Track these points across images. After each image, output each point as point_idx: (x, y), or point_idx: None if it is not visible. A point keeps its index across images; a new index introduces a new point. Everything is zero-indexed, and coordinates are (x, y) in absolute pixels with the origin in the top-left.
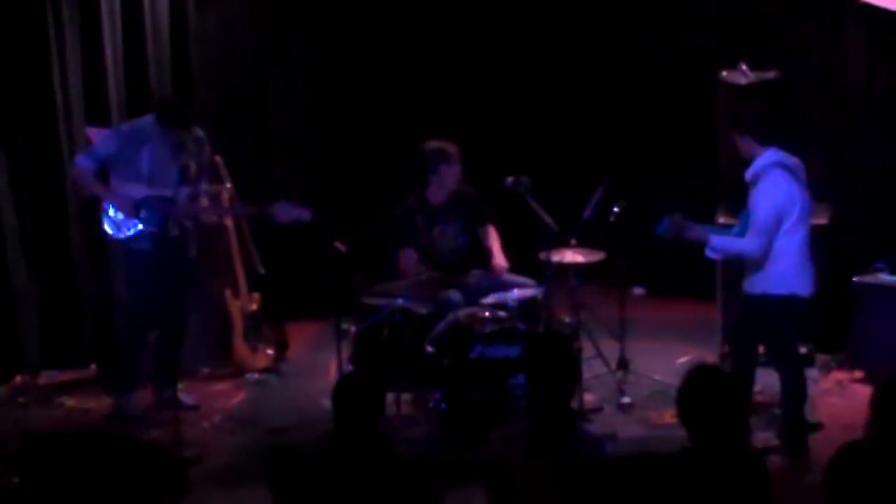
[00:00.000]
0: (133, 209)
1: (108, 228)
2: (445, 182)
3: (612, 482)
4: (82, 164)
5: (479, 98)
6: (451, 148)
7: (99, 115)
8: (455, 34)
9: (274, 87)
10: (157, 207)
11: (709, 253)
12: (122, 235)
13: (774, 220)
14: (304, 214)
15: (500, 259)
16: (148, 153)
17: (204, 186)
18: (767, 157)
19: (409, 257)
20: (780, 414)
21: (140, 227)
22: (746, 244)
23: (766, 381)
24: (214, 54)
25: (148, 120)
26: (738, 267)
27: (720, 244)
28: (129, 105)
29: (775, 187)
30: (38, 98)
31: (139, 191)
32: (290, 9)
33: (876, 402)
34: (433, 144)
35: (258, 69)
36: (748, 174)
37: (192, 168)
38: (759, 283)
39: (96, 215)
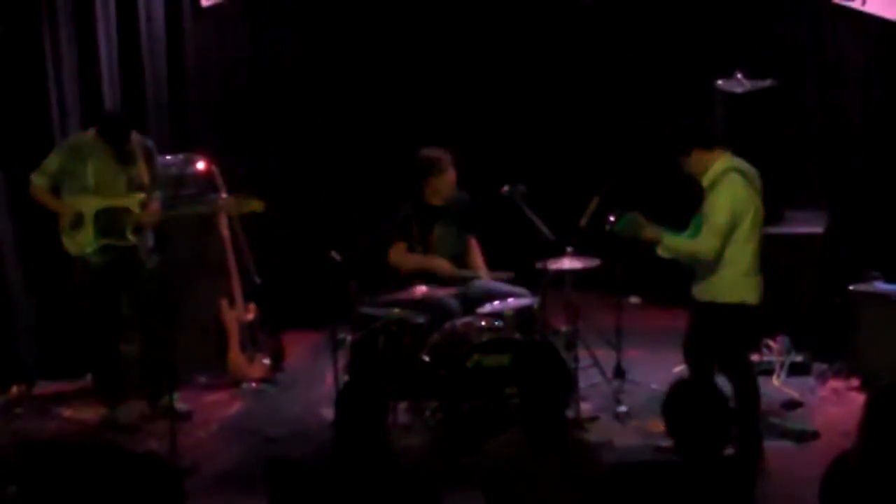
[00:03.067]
0: (74, 220)
1: (68, 246)
2: (439, 190)
3: (608, 490)
4: (36, 181)
5: (475, 106)
6: (442, 156)
7: (95, 124)
8: (452, 42)
9: (270, 94)
10: (113, 218)
11: (661, 251)
12: (80, 251)
13: (730, 222)
14: (256, 206)
15: (486, 272)
16: (92, 166)
17: (158, 194)
18: (724, 162)
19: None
20: (737, 424)
21: (99, 242)
22: (700, 244)
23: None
24: (210, 61)
25: (90, 134)
26: None
27: (672, 243)
28: (126, 112)
29: (732, 191)
30: (34, 107)
31: (91, 203)
32: (286, 15)
33: (868, 410)
34: (423, 153)
35: (254, 76)
36: (706, 180)
37: (142, 177)
38: (708, 291)
39: (56, 234)
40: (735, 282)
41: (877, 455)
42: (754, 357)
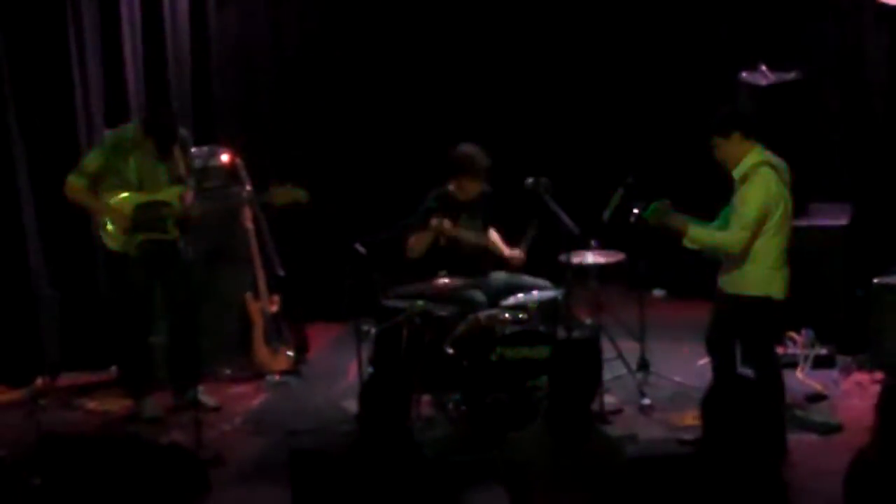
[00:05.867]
0: (128, 224)
1: (107, 242)
2: (466, 189)
3: (631, 483)
4: (74, 182)
5: (499, 98)
6: (481, 163)
7: (119, 117)
8: (478, 33)
9: (294, 85)
10: (153, 212)
11: (686, 243)
12: (120, 247)
13: (760, 217)
14: (300, 196)
15: (511, 252)
16: (134, 161)
17: (192, 183)
18: (756, 154)
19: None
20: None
21: (139, 238)
22: (727, 237)
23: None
24: (234, 53)
25: (131, 128)
26: None
27: (698, 234)
28: (149, 106)
29: (765, 185)
30: (59, 101)
31: (130, 199)
32: (310, 6)
33: (881, 406)
34: (466, 153)
35: (277, 67)
36: (737, 172)
37: (181, 168)
38: (735, 283)
39: (94, 229)
40: (762, 275)
41: (893, 448)
42: (779, 350)
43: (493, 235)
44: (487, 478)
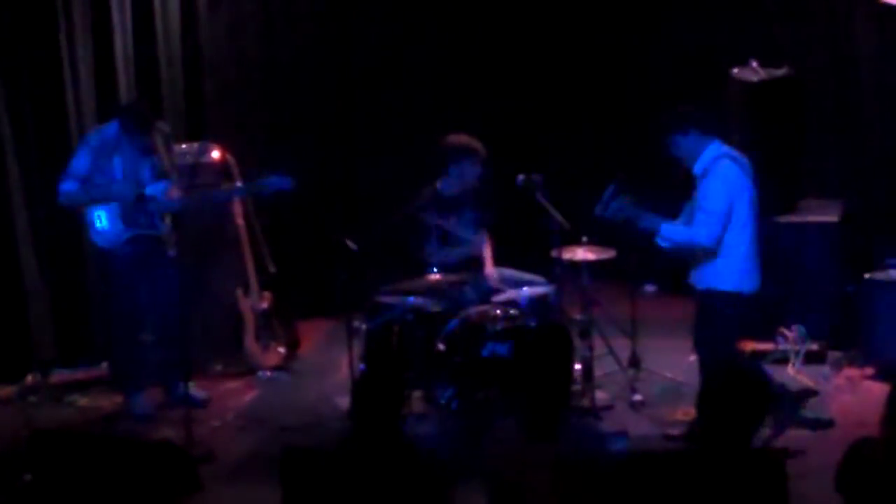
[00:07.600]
0: (137, 194)
1: (96, 240)
2: (466, 177)
3: (618, 478)
4: (67, 188)
5: (491, 95)
6: (480, 146)
7: (110, 116)
8: (469, 30)
9: (285, 82)
10: (141, 208)
11: (659, 241)
12: (109, 244)
13: (726, 209)
14: (284, 183)
15: (491, 268)
16: (119, 160)
17: (175, 177)
18: (715, 149)
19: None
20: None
21: (127, 232)
22: (699, 233)
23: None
24: (225, 55)
25: (114, 126)
26: None
27: (670, 233)
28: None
29: (726, 177)
30: (50, 99)
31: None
32: (300, 9)
33: (892, 401)
34: (462, 138)
35: (269, 70)
36: (697, 168)
37: (165, 162)
38: (706, 278)
39: (83, 227)
40: (732, 269)
41: None
42: (769, 346)
43: (487, 248)
44: (476, 474)
